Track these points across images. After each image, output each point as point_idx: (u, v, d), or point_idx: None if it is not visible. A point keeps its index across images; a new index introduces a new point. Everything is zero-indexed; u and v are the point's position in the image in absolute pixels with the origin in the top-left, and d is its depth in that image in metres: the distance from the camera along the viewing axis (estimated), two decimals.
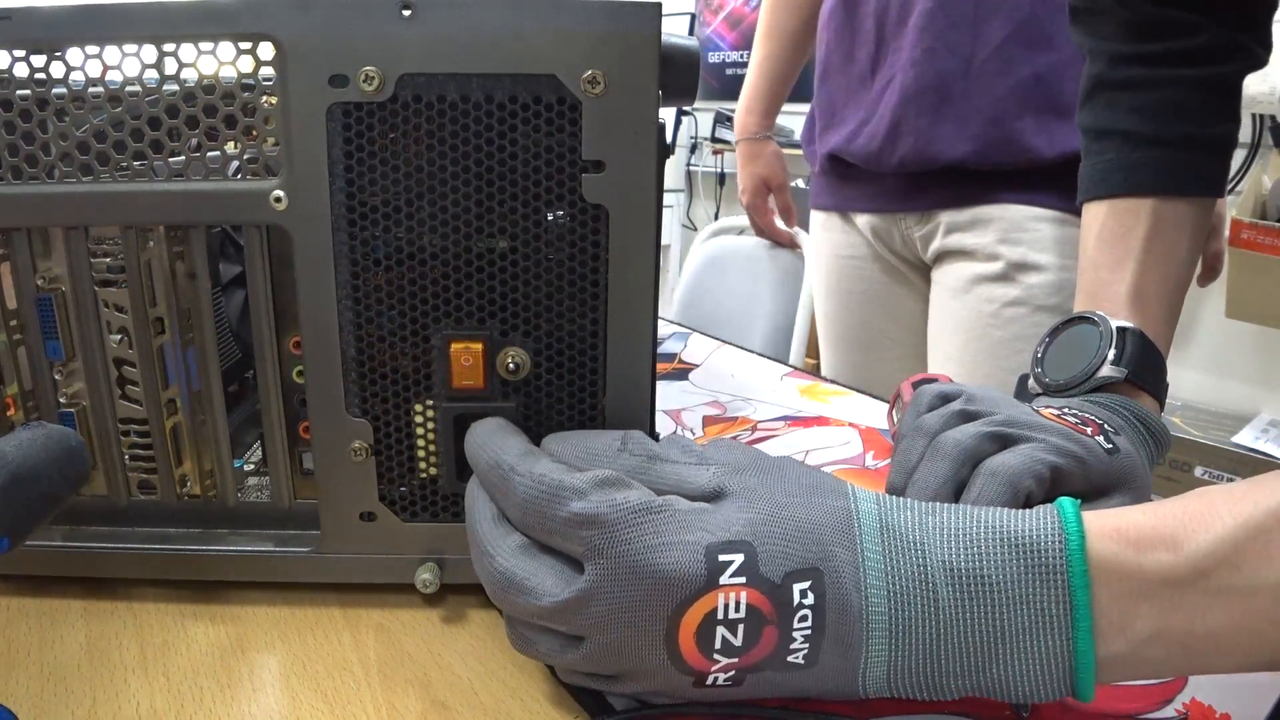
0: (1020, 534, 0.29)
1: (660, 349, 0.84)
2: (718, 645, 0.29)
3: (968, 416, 0.43)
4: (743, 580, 0.29)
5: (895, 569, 0.30)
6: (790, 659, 0.29)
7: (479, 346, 0.36)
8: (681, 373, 0.79)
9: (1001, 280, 0.91)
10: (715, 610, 0.29)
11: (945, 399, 0.45)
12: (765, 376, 0.78)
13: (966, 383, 0.47)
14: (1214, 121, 0.54)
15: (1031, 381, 0.53)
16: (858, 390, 0.75)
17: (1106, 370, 0.49)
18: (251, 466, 0.44)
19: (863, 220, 1.03)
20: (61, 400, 0.39)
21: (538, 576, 0.31)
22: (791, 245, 1.37)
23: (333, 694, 0.34)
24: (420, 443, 0.38)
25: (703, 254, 1.64)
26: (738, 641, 0.29)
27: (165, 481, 0.40)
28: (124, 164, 0.36)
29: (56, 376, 0.39)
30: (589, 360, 0.37)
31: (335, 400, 0.37)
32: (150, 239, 0.37)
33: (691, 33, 3.41)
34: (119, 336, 0.39)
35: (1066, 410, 0.45)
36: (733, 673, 0.30)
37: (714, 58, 3.40)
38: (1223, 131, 0.55)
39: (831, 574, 0.29)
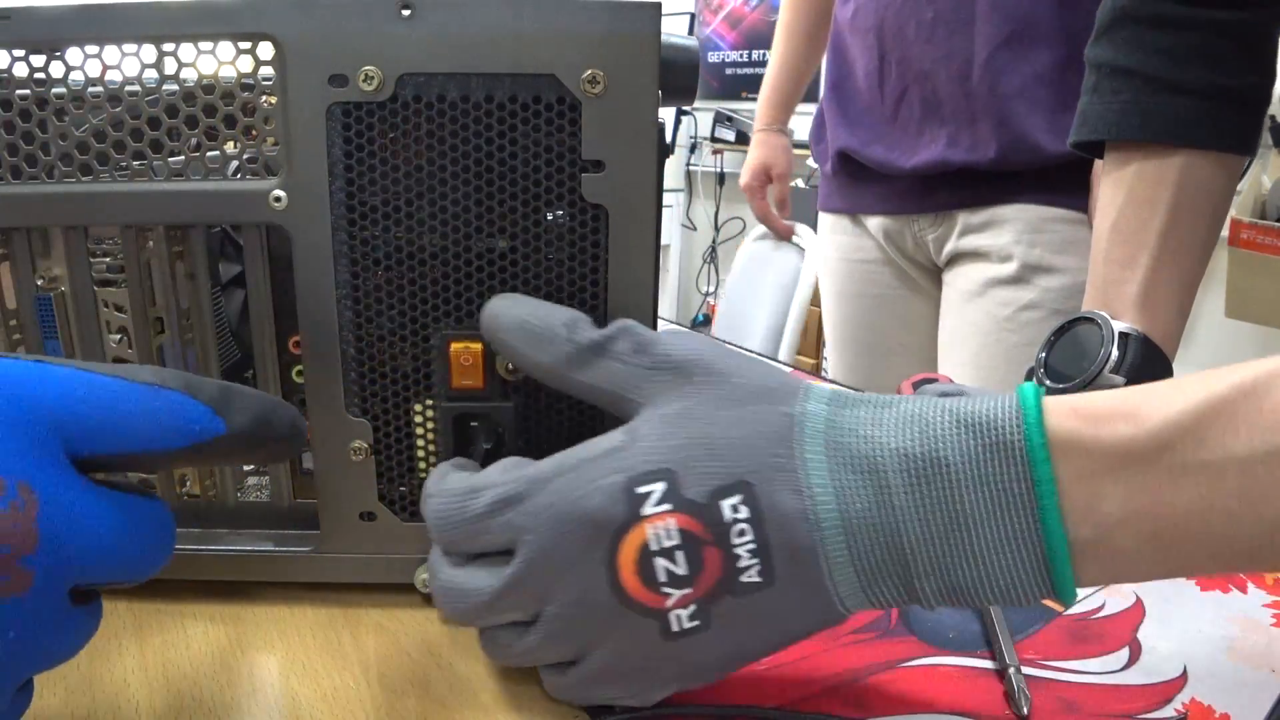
0: (976, 414, 0.28)
1: None
2: (662, 578, 0.28)
3: None
4: (668, 507, 0.28)
5: (839, 462, 0.28)
6: (744, 579, 0.28)
7: (479, 346, 0.36)
8: None
9: (1016, 283, 0.90)
10: (646, 542, 0.28)
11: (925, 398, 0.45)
12: None
13: (980, 388, 0.47)
14: (1242, 72, 0.51)
15: (1033, 382, 0.53)
16: (857, 390, 0.75)
17: (1106, 376, 0.49)
18: (251, 466, 0.44)
19: (874, 223, 1.03)
20: None
21: (474, 577, 0.31)
22: (788, 236, 1.39)
23: (332, 694, 0.34)
24: (420, 442, 0.38)
25: (748, 255, 1.66)
26: (681, 569, 0.28)
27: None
28: (124, 164, 0.36)
29: None
30: None
31: (335, 400, 0.37)
32: (150, 239, 0.37)
33: (691, 32, 3.41)
34: (119, 336, 0.39)
35: None
36: (692, 607, 0.29)
37: (714, 57, 3.40)
38: (1252, 82, 0.52)
39: (763, 483, 0.28)
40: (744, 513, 0.28)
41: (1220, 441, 0.26)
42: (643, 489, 0.28)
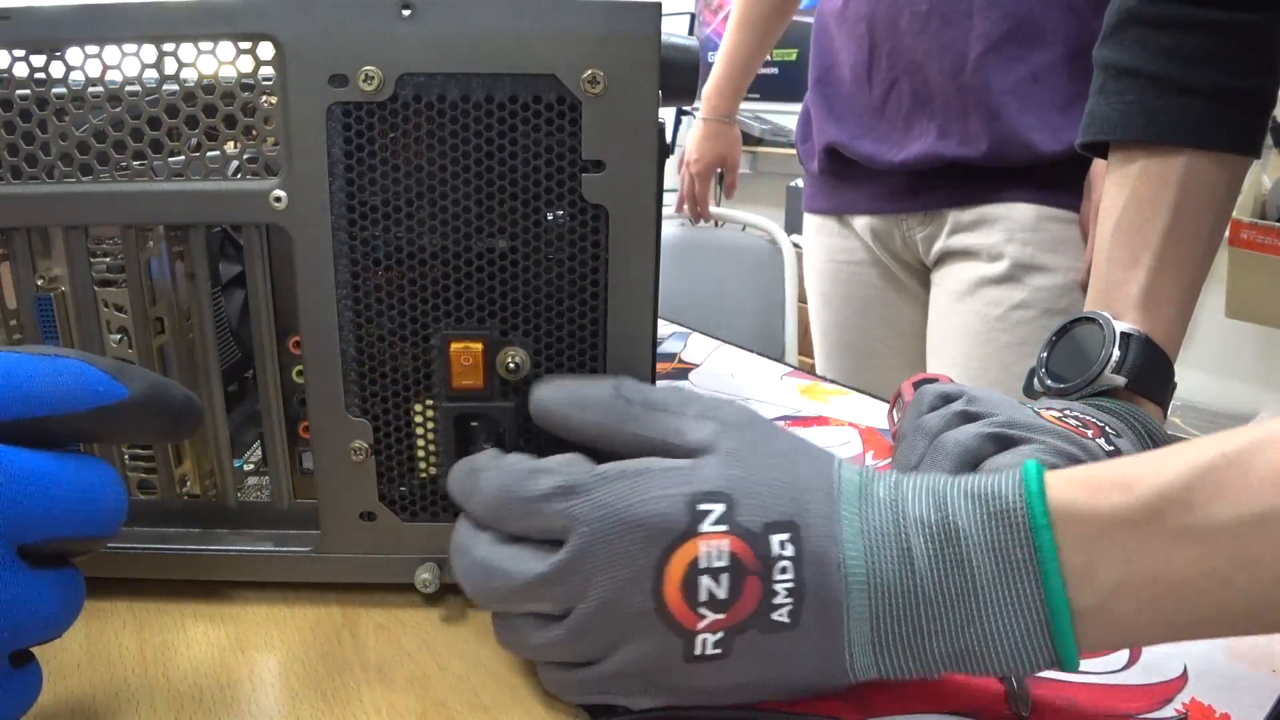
0: (984, 487, 0.30)
1: (660, 349, 0.84)
2: (703, 597, 0.29)
3: (969, 417, 0.43)
4: (724, 528, 0.29)
5: (870, 524, 0.30)
6: (774, 616, 0.29)
7: (479, 346, 0.36)
8: (681, 373, 0.79)
9: (1006, 282, 0.89)
10: (698, 558, 0.29)
11: (947, 399, 0.45)
12: (765, 376, 0.78)
13: (982, 388, 0.47)
14: (1248, 73, 0.52)
15: (1035, 382, 0.53)
16: (858, 390, 0.75)
17: (1107, 377, 0.49)
18: (251, 466, 0.44)
19: (861, 223, 1.02)
20: None
21: (516, 558, 0.31)
22: (704, 218, 1.43)
23: (333, 694, 0.34)
24: (420, 442, 0.38)
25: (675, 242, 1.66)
26: (722, 592, 0.29)
27: (165, 481, 0.40)
28: (124, 164, 0.36)
29: None
30: (589, 360, 0.37)
31: (335, 400, 0.37)
32: (150, 238, 0.37)
33: (691, 32, 3.41)
34: (119, 336, 0.39)
35: (1068, 413, 0.45)
36: (720, 633, 0.29)
37: (714, 57, 3.40)
38: (1257, 85, 0.52)
39: (808, 529, 0.30)
40: (789, 550, 0.29)
41: (1208, 508, 0.27)
42: (704, 506, 0.29)
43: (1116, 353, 0.49)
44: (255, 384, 0.39)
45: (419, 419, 0.38)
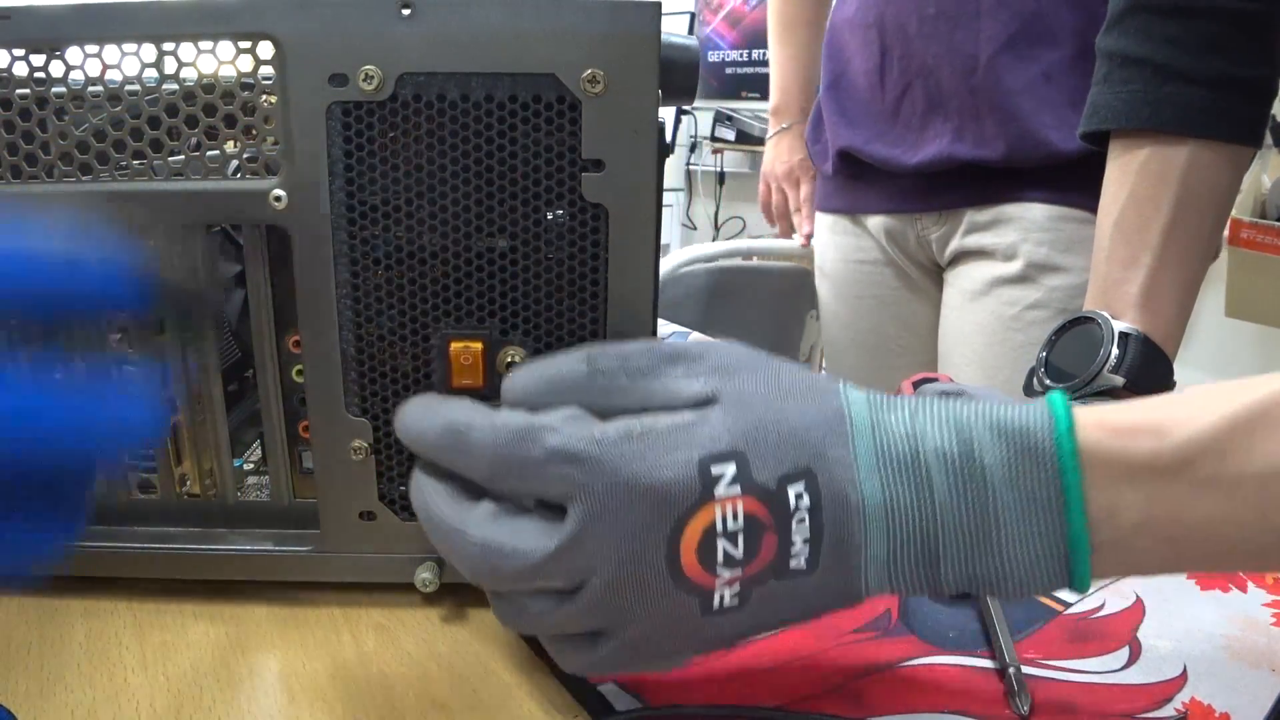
0: (1010, 421, 0.29)
1: None
2: (720, 559, 0.28)
3: None
4: (737, 490, 0.28)
5: (887, 460, 0.29)
6: (793, 564, 0.29)
7: (479, 346, 0.36)
8: None
9: (1021, 282, 0.89)
10: (714, 523, 0.28)
11: (946, 398, 0.45)
12: None
13: (985, 388, 0.47)
14: (1253, 62, 0.52)
15: (1034, 381, 0.53)
16: None
17: (1106, 376, 0.49)
18: (251, 466, 0.44)
19: (875, 223, 1.02)
20: None
21: (519, 535, 0.29)
22: (801, 231, 1.28)
23: (333, 694, 0.34)
24: None
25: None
26: (739, 553, 0.28)
27: (165, 481, 0.40)
28: (124, 163, 0.36)
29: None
30: None
31: (335, 399, 0.37)
32: (150, 238, 0.37)
33: (691, 32, 3.41)
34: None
35: None
36: (737, 587, 0.29)
37: (714, 57, 3.40)
38: (1262, 74, 0.52)
39: (825, 474, 0.29)
40: (806, 500, 0.29)
41: (1239, 460, 0.28)
42: (716, 469, 0.28)
43: (1115, 352, 0.49)
44: (255, 383, 0.39)
45: None
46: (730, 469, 0.28)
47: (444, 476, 0.31)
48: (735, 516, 0.28)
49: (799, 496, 0.29)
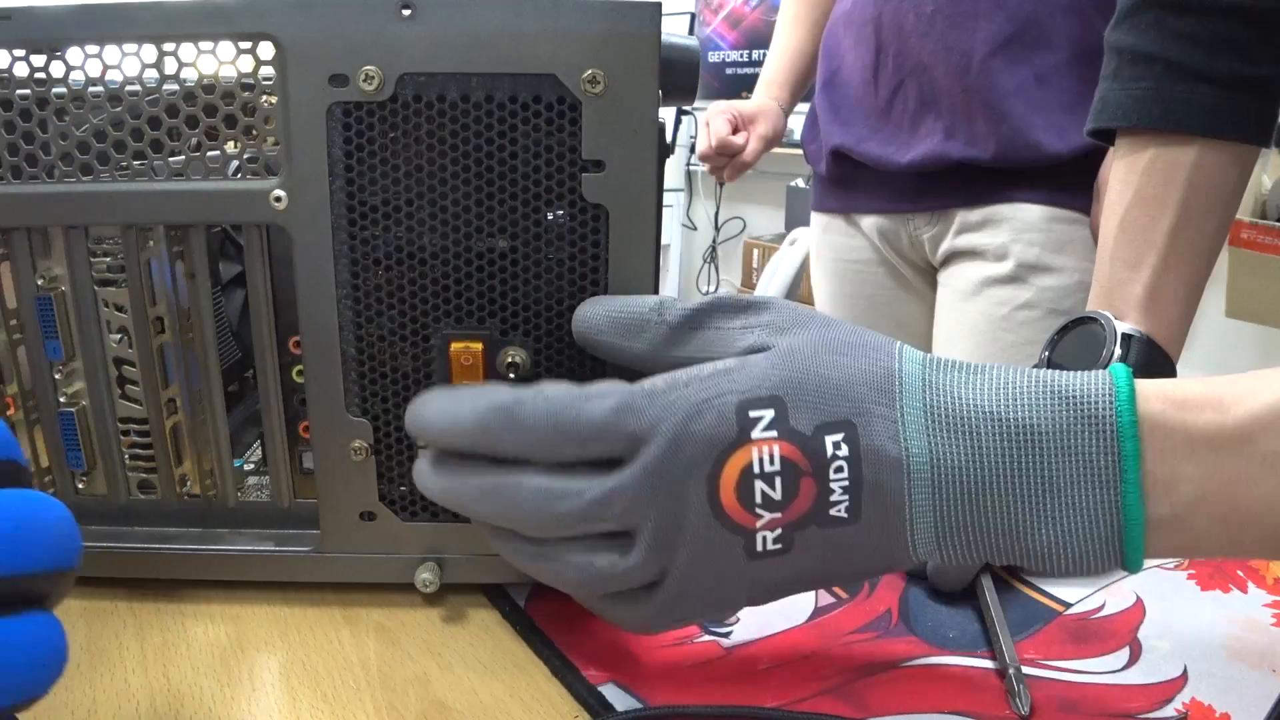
0: (1070, 387, 0.29)
1: None
2: (758, 499, 0.29)
3: None
4: (774, 434, 0.29)
5: (936, 419, 0.30)
6: (833, 512, 0.30)
7: (479, 346, 0.36)
8: None
9: (1012, 282, 0.89)
10: (750, 464, 0.29)
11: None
12: None
13: None
14: (1263, 61, 0.51)
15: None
16: None
17: None
18: (251, 466, 0.44)
19: (868, 222, 1.02)
20: (61, 400, 0.39)
21: (575, 481, 0.30)
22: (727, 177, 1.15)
23: (333, 694, 0.34)
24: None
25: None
26: (777, 494, 0.29)
27: (165, 481, 0.40)
28: (124, 163, 0.36)
29: (56, 376, 0.39)
30: (589, 360, 0.37)
31: (335, 400, 0.37)
32: (150, 238, 0.37)
33: (691, 32, 3.41)
34: (119, 336, 0.39)
35: None
36: (779, 530, 0.30)
37: (714, 57, 3.40)
38: (1272, 73, 0.52)
39: (865, 427, 0.29)
40: (844, 450, 0.29)
41: None
42: (754, 413, 0.29)
43: (1117, 353, 0.49)
44: (255, 384, 0.39)
45: None
46: (769, 414, 0.29)
47: (466, 458, 0.32)
48: (772, 459, 0.29)
49: (836, 445, 0.29)
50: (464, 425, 0.31)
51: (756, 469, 0.29)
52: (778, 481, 0.29)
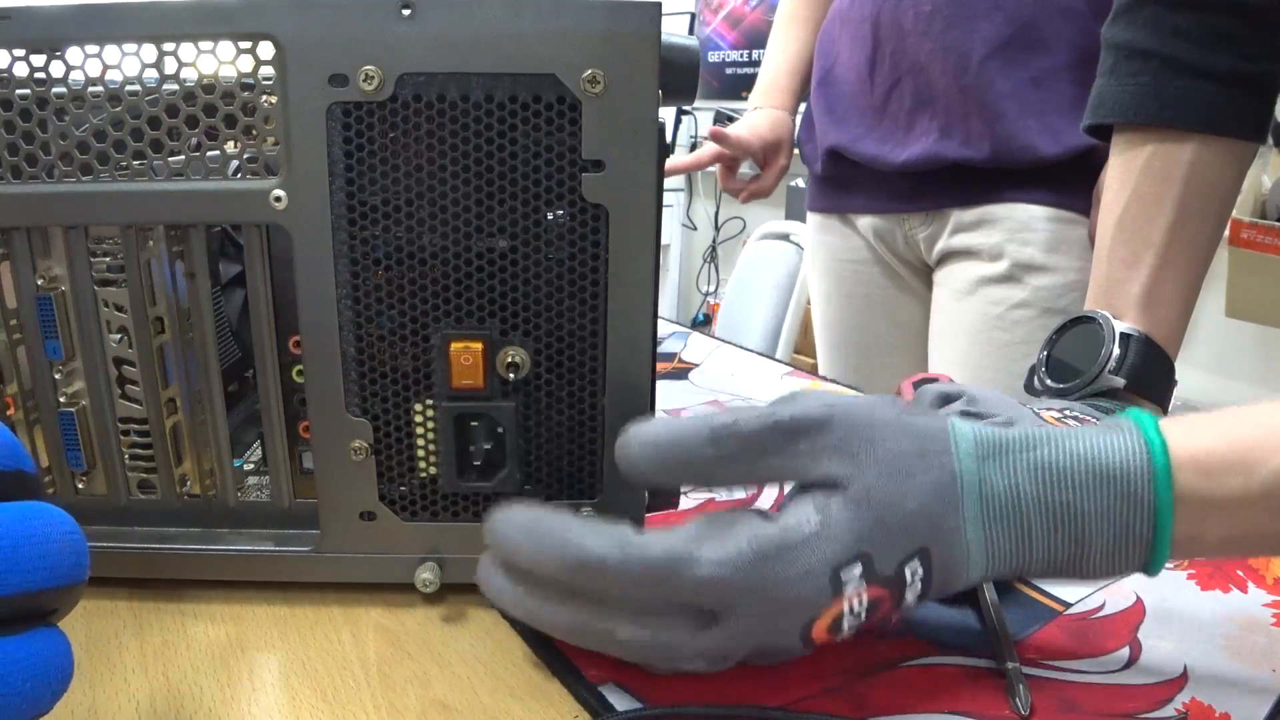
0: (1110, 466, 0.32)
1: (660, 349, 0.84)
2: (845, 628, 0.32)
3: (969, 417, 0.43)
4: (863, 585, 0.31)
5: (990, 516, 0.32)
6: (902, 607, 0.33)
7: (479, 346, 0.36)
8: (681, 372, 0.79)
9: (1007, 281, 0.90)
10: (842, 613, 0.31)
11: (947, 399, 0.45)
12: (765, 376, 0.78)
13: (988, 389, 0.47)
14: (1261, 57, 0.51)
15: (1035, 381, 0.53)
16: (857, 390, 0.75)
17: (1107, 377, 0.49)
18: (251, 466, 0.44)
19: (864, 222, 1.02)
20: (61, 400, 0.39)
21: (674, 630, 0.31)
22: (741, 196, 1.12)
23: (333, 694, 0.34)
24: (420, 442, 0.38)
25: (750, 255, 1.61)
26: (861, 620, 0.32)
27: (165, 481, 0.40)
28: (124, 163, 0.36)
29: (56, 376, 0.39)
30: (589, 360, 0.37)
31: (335, 400, 0.37)
32: (150, 238, 0.37)
33: (691, 32, 3.40)
34: (119, 336, 0.39)
35: (1068, 413, 0.45)
36: (854, 633, 0.33)
37: (714, 57, 3.40)
38: (1267, 69, 0.52)
39: (937, 547, 0.32)
40: (920, 572, 0.32)
41: None
42: (845, 573, 0.31)
43: (1116, 352, 0.49)
44: (255, 383, 0.39)
45: (419, 419, 0.38)
46: (857, 569, 0.31)
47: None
48: (861, 603, 0.31)
49: (914, 572, 0.32)
50: (547, 570, 0.31)
51: (847, 613, 0.31)
52: (863, 613, 0.32)
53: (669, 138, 0.35)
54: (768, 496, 0.50)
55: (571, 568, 0.30)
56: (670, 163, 1.10)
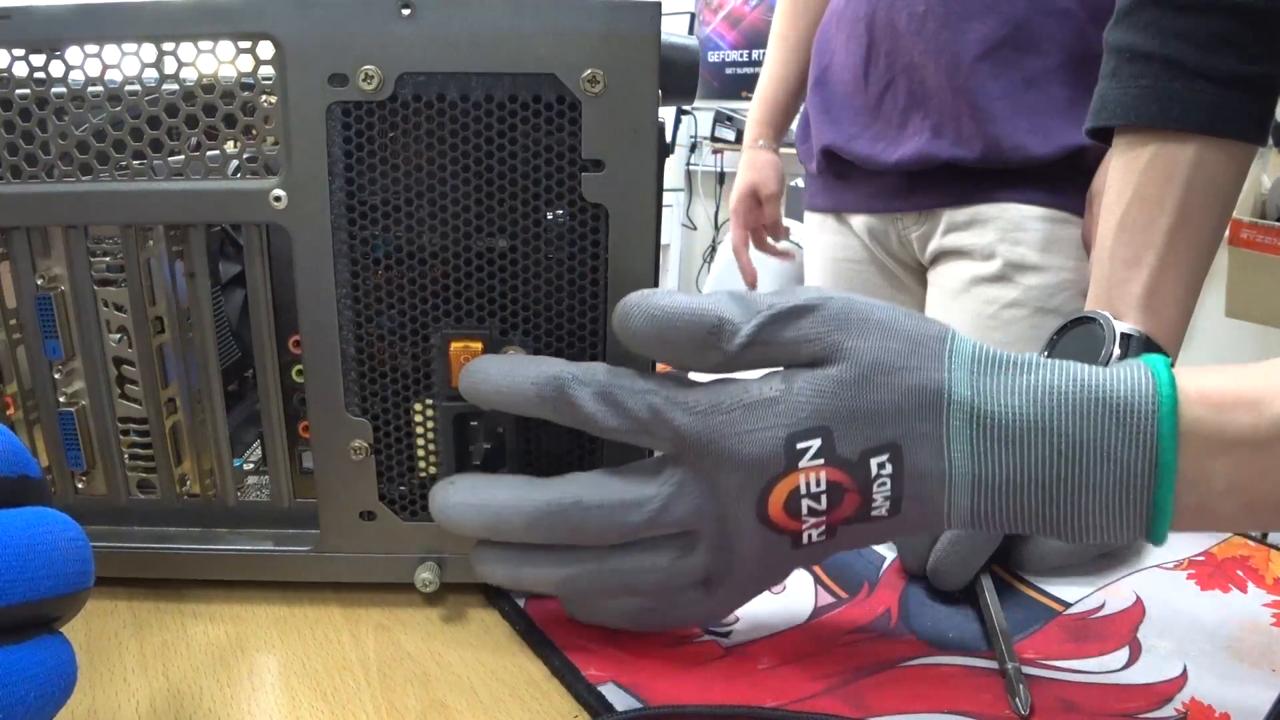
0: (1114, 394, 0.30)
1: None
2: (804, 511, 0.32)
3: None
4: (820, 461, 0.31)
5: (983, 432, 0.31)
6: (874, 513, 0.32)
7: (479, 345, 0.36)
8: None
9: (999, 281, 0.90)
10: (798, 488, 0.31)
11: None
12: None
13: None
14: (1262, 59, 0.51)
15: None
16: None
17: None
18: (251, 466, 0.44)
19: (858, 221, 1.03)
20: (61, 399, 0.39)
21: (634, 487, 0.33)
22: (752, 280, 1.27)
23: (332, 693, 0.34)
24: (420, 442, 0.38)
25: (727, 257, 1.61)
26: (822, 506, 0.32)
27: (165, 481, 0.40)
28: (123, 163, 0.36)
29: (56, 376, 0.39)
30: (589, 359, 0.37)
31: (335, 399, 0.37)
32: (150, 238, 0.37)
33: (691, 32, 3.41)
34: (118, 336, 0.39)
35: None
36: (823, 528, 0.32)
37: (713, 57, 3.40)
38: (1268, 72, 0.52)
39: (910, 447, 0.31)
40: (888, 469, 0.31)
41: None
42: (801, 445, 0.31)
43: (1117, 352, 0.49)
44: (255, 383, 0.39)
45: (419, 418, 0.38)
46: (815, 443, 0.31)
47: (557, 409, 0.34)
48: (818, 483, 0.31)
49: (880, 465, 0.31)
50: (520, 392, 0.34)
51: (803, 490, 0.31)
52: (823, 499, 0.31)
53: (669, 138, 0.35)
54: None
55: (540, 382, 0.33)
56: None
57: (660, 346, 0.33)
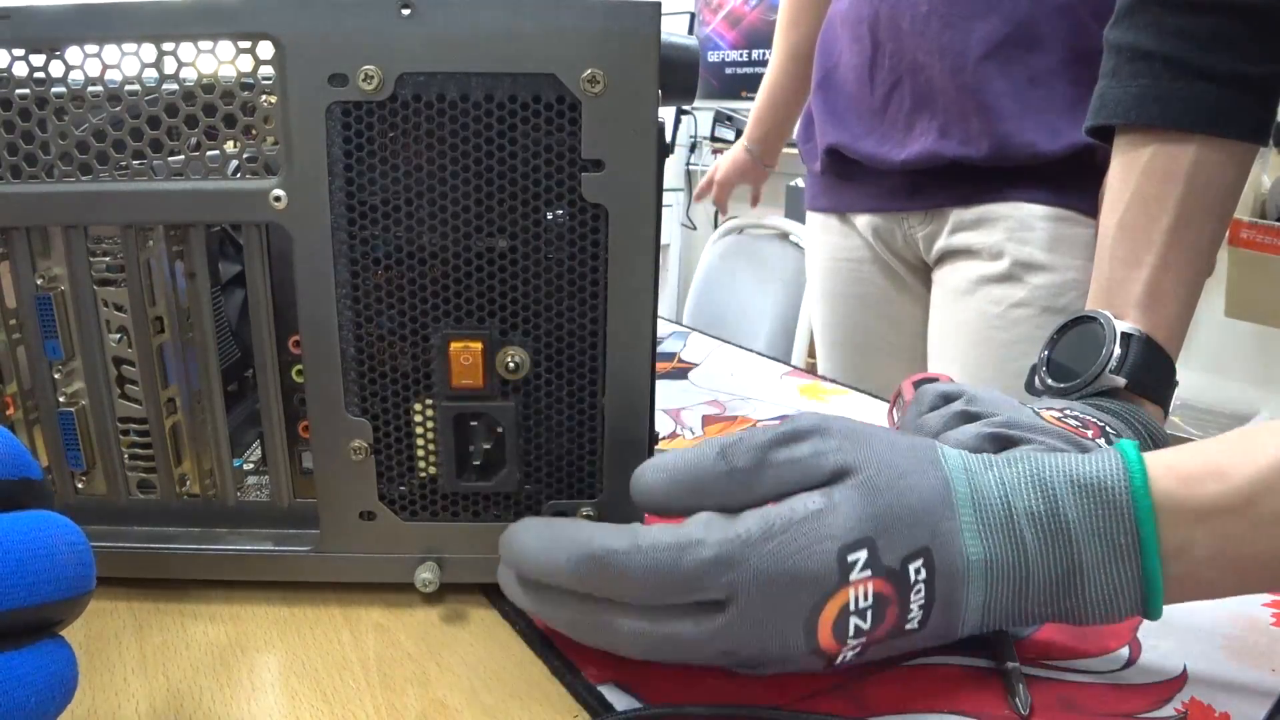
0: (1089, 477, 0.32)
1: (660, 348, 0.84)
2: (850, 631, 0.32)
3: (969, 417, 0.43)
4: (869, 573, 0.31)
5: (986, 523, 0.32)
6: (907, 626, 0.32)
7: (478, 346, 0.36)
8: (681, 372, 0.79)
9: (1006, 281, 0.90)
10: (847, 604, 0.31)
11: (947, 399, 0.45)
12: (765, 375, 0.78)
13: (989, 389, 0.47)
14: (1261, 59, 0.52)
15: (1035, 380, 0.53)
16: (857, 389, 0.75)
17: (1108, 377, 0.49)
18: (251, 466, 0.44)
19: (863, 221, 1.02)
20: (61, 400, 0.39)
21: (682, 624, 0.31)
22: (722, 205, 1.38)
23: (332, 693, 0.34)
24: (420, 442, 0.38)
25: (715, 252, 1.64)
26: (866, 625, 0.32)
27: (165, 481, 0.40)
28: (123, 163, 0.36)
29: (56, 376, 0.39)
30: (589, 359, 0.37)
31: (335, 399, 0.37)
32: (150, 238, 0.37)
33: (691, 32, 3.41)
34: (118, 336, 0.38)
35: (1068, 413, 0.45)
36: (859, 649, 0.32)
37: (713, 57, 3.40)
38: (1270, 71, 0.52)
39: (939, 548, 0.32)
40: (923, 574, 0.32)
41: None
42: (851, 557, 0.31)
43: (1117, 352, 0.49)
44: (255, 383, 0.39)
45: (419, 418, 0.38)
46: (863, 555, 0.31)
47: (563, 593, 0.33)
48: (866, 596, 0.31)
49: (918, 571, 0.32)
50: (559, 571, 0.32)
51: (853, 606, 0.31)
52: (869, 615, 0.31)
53: (669, 137, 0.35)
54: None
55: (582, 558, 0.31)
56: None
57: (673, 493, 0.33)
